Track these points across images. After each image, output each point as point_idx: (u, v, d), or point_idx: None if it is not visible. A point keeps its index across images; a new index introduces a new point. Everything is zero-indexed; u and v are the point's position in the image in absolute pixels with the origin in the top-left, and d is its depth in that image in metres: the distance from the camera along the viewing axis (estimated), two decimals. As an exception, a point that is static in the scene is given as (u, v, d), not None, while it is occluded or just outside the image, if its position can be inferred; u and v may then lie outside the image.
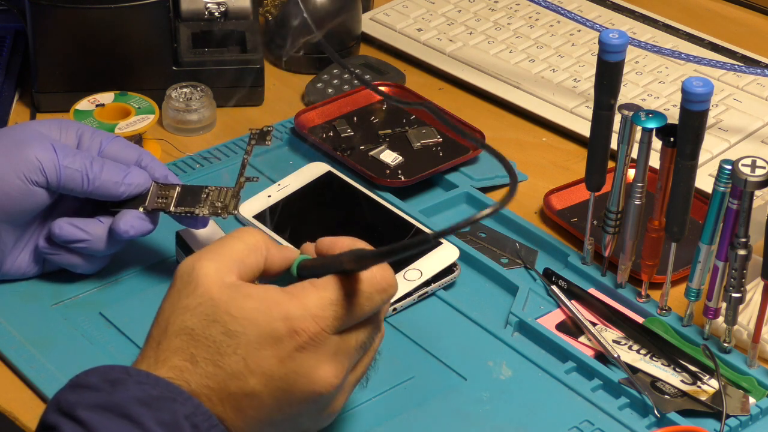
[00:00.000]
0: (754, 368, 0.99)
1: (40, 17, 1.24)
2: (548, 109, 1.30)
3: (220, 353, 0.81)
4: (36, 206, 1.01)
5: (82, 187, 1.00)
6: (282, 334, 0.81)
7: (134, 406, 0.77)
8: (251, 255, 0.85)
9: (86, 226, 1.02)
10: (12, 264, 1.04)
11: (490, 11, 1.44)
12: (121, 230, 1.01)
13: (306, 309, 0.82)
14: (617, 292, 1.06)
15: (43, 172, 0.99)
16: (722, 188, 0.96)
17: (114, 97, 1.23)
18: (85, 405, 0.77)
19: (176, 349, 0.82)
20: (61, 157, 0.99)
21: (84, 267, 1.05)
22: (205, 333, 0.82)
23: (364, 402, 0.96)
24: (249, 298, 0.82)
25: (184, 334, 0.82)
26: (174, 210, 1.02)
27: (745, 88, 1.32)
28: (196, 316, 0.82)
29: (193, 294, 0.83)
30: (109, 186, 1.01)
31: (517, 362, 1.00)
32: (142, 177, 1.02)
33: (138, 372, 0.80)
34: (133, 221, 1.02)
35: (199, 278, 0.83)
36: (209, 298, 0.82)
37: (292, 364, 0.82)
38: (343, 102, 1.27)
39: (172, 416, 0.78)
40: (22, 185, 0.99)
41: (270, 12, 1.37)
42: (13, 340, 1.00)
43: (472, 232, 1.13)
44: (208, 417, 0.80)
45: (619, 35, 1.00)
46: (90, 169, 1.00)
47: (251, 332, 0.81)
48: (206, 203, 1.03)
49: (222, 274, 0.83)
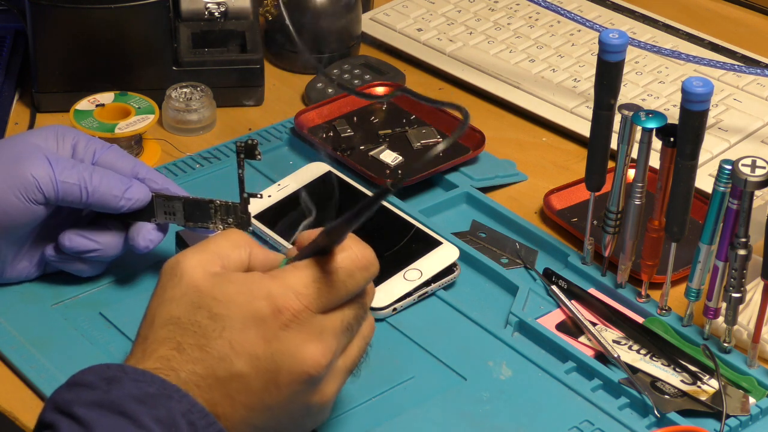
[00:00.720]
0: (754, 368, 0.99)
1: (40, 17, 1.24)
2: (548, 109, 1.30)
3: (206, 337, 0.82)
4: (35, 221, 1.01)
5: (81, 199, 1.00)
6: (266, 314, 0.82)
7: (130, 403, 0.78)
8: (235, 250, 0.86)
9: (96, 237, 1.02)
10: (12, 271, 1.04)
11: (490, 11, 1.44)
12: (141, 246, 1.02)
13: (288, 287, 0.83)
14: (617, 292, 1.06)
15: (40, 189, 0.99)
16: (722, 188, 0.96)
17: (114, 97, 1.23)
18: (81, 403, 0.78)
19: (163, 340, 0.83)
20: (58, 171, 0.99)
21: (90, 271, 1.05)
22: (191, 319, 0.83)
23: (364, 402, 0.96)
24: (232, 282, 0.83)
25: (170, 324, 0.83)
26: (187, 225, 1.04)
27: (745, 88, 1.32)
28: (182, 304, 0.83)
29: (178, 285, 0.84)
30: (109, 199, 1.01)
31: (517, 362, 1.00)
32: (143, 192, 1.02)
33: (134, 370, 0.80)
34: (150, 236, 1.03)
35: (184, 270, 0.84)
36: (194, 286, 0.83)
37: (278, 344, 0.82)
38: (343, 102, 1.27)
39: (168, 413, 0.78)
40: (20, 204, 0.99)
41: (270, 12, 1.37)
42: (13, 340, 1.00)
43: (472, 232, 1.13)
44: (205, 414, 0.80)
45: (619, 35, 1.00)
46: (89, 181, 1.00)
47: (235, 314, 0.82)
48: (217, 219, 1.03)
49: (205, 264, 0.84)
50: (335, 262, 0.84)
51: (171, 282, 0.84)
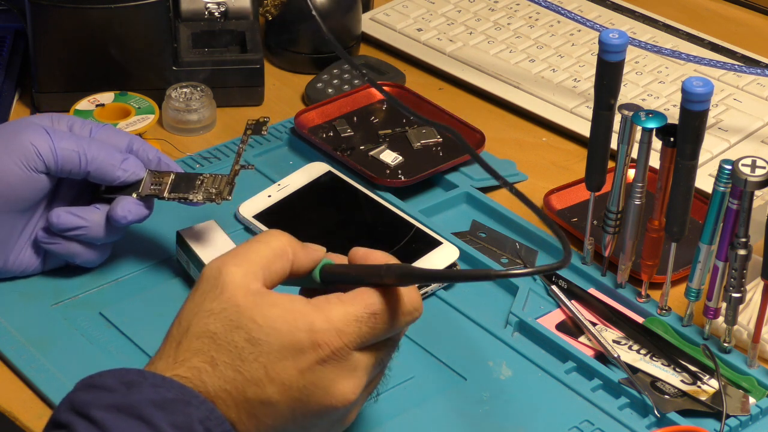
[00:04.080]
0: (754, 368, 0.99)
1: (40, 17, 1.24)
2: (548, 109, 1.30)
3: (242, 359, 0.81)
4: (37, 192, 1.02)
5: (80, 167, 1.01)
6: (305, 346, 0.81)
7: (148, 407, 0.77)
8: (277, 261, 0.85)
9: (83, 213, 1.03)
10: (15, 259, 1.04)
11: (490, 11, 1.44)
12: (118, 215, 1.02)
13: (331, 323, 0.82)
14: (617, 292, 1.06)
15: (39, 156, 1.00)
16: (722, 188, 0.96)
17: (114, 97, 1.23)
18: (99, 405, 0.77)
19: (197, 351, 0.82)
20: (56, 140, 1.01)
21: (84, 256, 1.05)
22: (228, 338, 0.81)
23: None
24: (274, 306, 0.82)
25: (206, 337, 0.82)
26: (168, 196, 1.03)
27: (745, 88, 1.32)
28: (220, 320, 0.82)
29: (218, 299, 0.82)
30: (107, 168, 1.02)
31: (517, 362, 1.00)
32: (138, 165, 1.04)
33: (153, 375, 0.80)
34: (129, 206, 1.02)
35: (226, 284, 0.82)
36: (234, 304, 0.82)
37: (312, 377, 0.82)
38: (343, 102, 1.27)
39: (186, 419, 0.78)
40: (21, 173, 1.00)
41: (270, 12, 1.37)
42: (13, 340, 1.00)
43: (472, 232, 1.13)
44: (222, 422, 0.80)
45: (619, 35, 1.00)
46: (87, 148, 1.01)
47: (274, 341, 0.81)
48: (200, 189, 1.03)
49: (248, 280, 0.83)
50: (385, 304, 0.83)
51: (212, 293, 0.83)
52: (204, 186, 1.03)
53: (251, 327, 0.81)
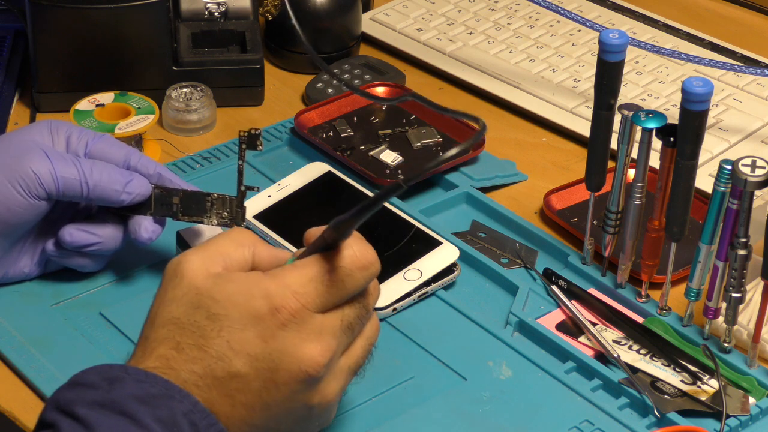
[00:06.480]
0: (754, 368, 0.99)
1: (40, 17, 1.24)
2: (548, 109, 1.30)
3: (204, 337, 0.82)
4: (38, 217, 1.01)
5: (82, 194, 1.00)
6: (263, 313, 0.82)
7: (132, 403, 0.78)
8: (238, 249, 0.86)
9: (95, 230, 1.02)
10: (14, 269, 1.04)
11: (490, 11, 1.44)
12: (143, 238, 1.03)
13: (286, 286, 0.83)
14: (617, 292, 1.06)
15: (41, 184, 0.99)
16: (722, 188, 0.96)
17: (114, 97, 1.23)
18: (83, 402, 0.78)
19: (163, 339, 0.83)
20: (58, 167, 0.99)
21: (92, 266, 1.05)
22: (190, 320, 0.83)
23: (364, 402, 0.96)
24: (231, 282, 0.83)
25: (170, 323, 0.83)
26: (182, 218, 1.04)
27: (745, 88, 1.32)
28: (183, 305, 0.83)
29: (179, 286, 0.84)
30: (110, 193, 1.01)
31: (517, 362, 1.00)
32: (143, 186, 1.03)
33: (136, 370, 0.80)
34: (152, 227, 1.03)
35: (185, 271, 0.84)
36: (194, 286, 0.84)
37: (275, 343, 0.82)
38: (343, 102, 1.27)
39: (170, 413, 0.78)
40: (23, 200, 0.99)
41: (270, 12, 1.37)
42: (13, 340, 1.00)
43: (472, 232, 1.13)
44: (206, 415, 0.80)
45: (619, 35, 1.00)
46: (89, 176, 1.00)
47: (233, 313, 0.82)
48: (212, 212, 1.03)
49: (207, 265, 0.84)
50: (335, 260, 0.84)
51: (172, 282, 0.85)
52: (215, 209, 1.03)
53: (209, 304, 0.83)
